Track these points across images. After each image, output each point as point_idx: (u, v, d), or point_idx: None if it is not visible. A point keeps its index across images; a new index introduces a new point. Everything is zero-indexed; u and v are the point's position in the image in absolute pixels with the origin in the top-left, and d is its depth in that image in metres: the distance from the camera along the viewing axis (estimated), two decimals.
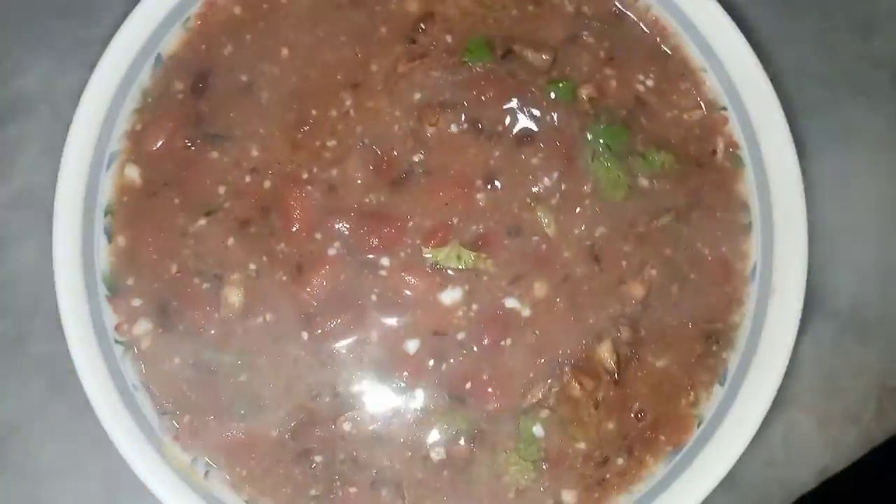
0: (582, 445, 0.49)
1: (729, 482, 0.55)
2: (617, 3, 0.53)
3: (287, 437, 0.47)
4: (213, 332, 0.48)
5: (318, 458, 0.48)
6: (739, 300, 0.51)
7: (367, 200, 0.49)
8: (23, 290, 0.57)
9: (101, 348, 0.46)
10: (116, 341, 0.48)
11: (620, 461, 0.49)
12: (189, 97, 0.51)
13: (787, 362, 0.48)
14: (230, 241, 0.49)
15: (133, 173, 0.50)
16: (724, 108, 0.51)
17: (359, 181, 0.50)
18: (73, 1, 0.61)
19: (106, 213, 0.49)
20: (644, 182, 0.51)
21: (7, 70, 0.60)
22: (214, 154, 0.50)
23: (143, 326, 0.48)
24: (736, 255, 0.51)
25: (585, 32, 0.52)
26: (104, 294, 0.48)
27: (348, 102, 0.51)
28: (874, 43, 0.63)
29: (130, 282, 0.49)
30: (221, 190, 0.50)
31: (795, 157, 0.48)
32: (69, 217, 0.46)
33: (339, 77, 0.51)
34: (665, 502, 0.47)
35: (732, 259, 0.51)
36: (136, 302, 0.48)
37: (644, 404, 0.49)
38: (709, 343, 0.50)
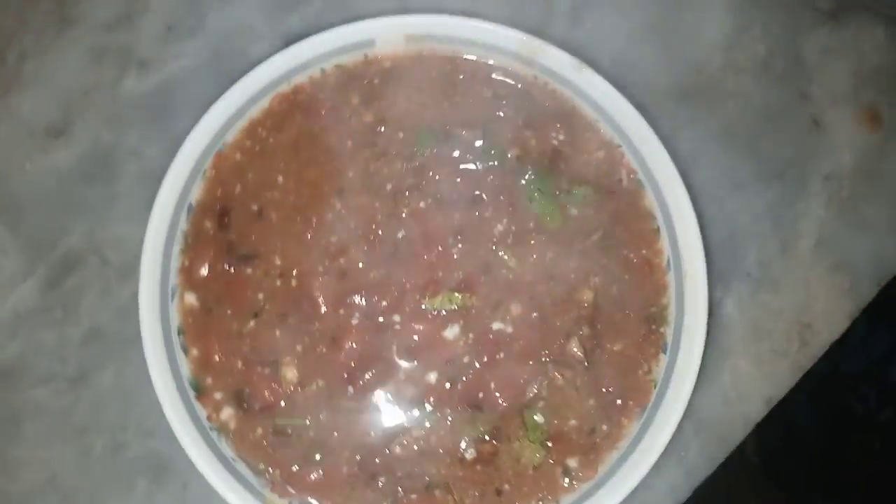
0: (574, 422, 0.61)
1: (697, 424, 0.68)
2: (519, 85, 0.67)
3: (356, 469, 0.60)
4: (282, 404, 0.61)
5: (382, 479, 0.60)
6: (664, 286, 0.64)
7: (371, 276, 0.62)
8: (112, 408, 0.68)
9: (201, 436, 0.59)
10: (211, 428, 0.61)
11: (605, 427, 0.62)
12: (218, 231, 0.63)
13: (705, 324, 0.61)
14: (277, 332, 0.61)
15: (191, 299, 0.62)
16: (619, 146, 0.66)
17: (361, 264, 0.63)
18: (97, 170, 0.72)
19: (179, 334, 0.62)
20: (574, 211, 0.64)
21: (54, 234, 0.71)
22: (248, 270, 0.63)
23: (227, 413, 0.61)
24: (653, 253, 0.64)
25: (504, 109, 0.67)
26: (193, 395, 0.61)
27: (338, 205, 0.63)
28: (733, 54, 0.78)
29: (210, 381, 0.61)
30: (260, 296, 0.62)
31: (676, 172, 0.63)
32: (154, 342, 0.59)
33: (325, 188, 0.64)
34: (643, 450, 0.60)
35: (651, 257, 0.64)
36: (218, 395, 0.61)
37: (611, 381, 0.62)
38: (649, 324, 0.63)
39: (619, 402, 0.62)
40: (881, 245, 0.75)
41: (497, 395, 0.62)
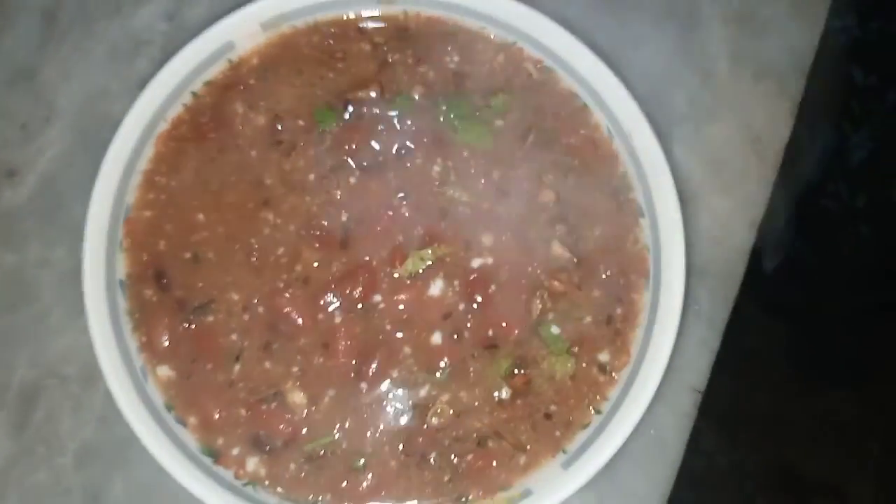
0: (588, 319, 0.61)
1: (698, 275, 0.68)
2: (392, 25, 0.65)
3: (403, 457, 0.59)
4: (303, 430, 0.58)
5: (433, 455, 0.59)
6: (615, 155, 0.63)
7: (334, 270, 0.60)
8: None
9: (238, 496, 0.56)
10: (244, 485, 0.58)
11: (619, 310, 0.61)
12: (162, 294, 0.60)
13: (668, 170, 0.60)
14: (266, 364, 0.59)
15: (164, 371, 0.59)
16: (515, 42, 0.64)
17: (317, 262, 0.61)
18: (15, 296, 0.67)
19: (169, 410, 0.58)
20: (499, 122, 0.63)
21: (1, 375, 0.66)
22: (210, 318, 0.60)
23: (252, 463, 0.58)
24: (591, 129, 0.64)
25: (388, 55, 0.64)
26: (210, 463, 0.58)
27: (270, 216, 0.61)
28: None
29: (221, 442, 0.58)
30: (234, 337, 0.59)
31: (579, 44, 0.62)
32: (150, 434, 0.56)
33: (250, 205, 0.61)
34: (662, 315, 0.59)
35: (591, 133, 0.64)
36: (235, 451, 0.58)
37: (606, 264, 0.62)
38: (617, 196, 0.63)
39: (621, 281, 0.62)
40: (789, 37, 0.76)
41: (505, 325, 0.61)
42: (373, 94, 0.63)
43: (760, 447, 1.63)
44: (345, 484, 0.59)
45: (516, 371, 0.60)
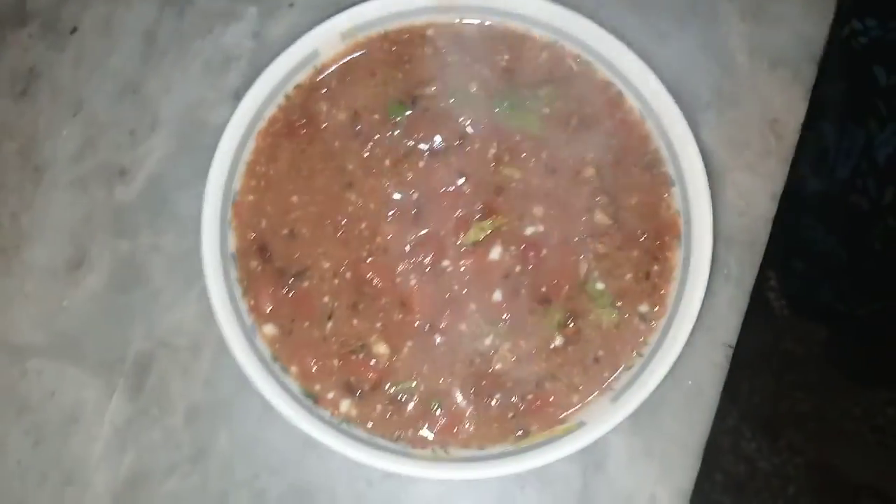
0: (629, 275, 0.68)
1: (726, 242, 0.75)
2: (452, 32, 0.74)
3: (473, 397, 0.67)
4: (387, 376, 0.67)
5: (497, 396, 0.66)
6: (647, 135, 0.71)
7: (409, 239, 0.68)
8: (240, 466, 0.73)
9: (337, 431, 0.65)
10: (339, 422, 0.66)
11: (656, 267, 0.68)
12: (265, 265, 0.68)
13: (695, 145, 0.68)
14: (354, 321, 0.67)
15: (270, 329, 0.68)
16: (557, 41, 0.73)
17: (393, 235, 0.69)
18: (129, 278, 0.77)
19: (275, 360, 0.67)
20: (546, 110, 0.71)
21: (119, 349, 0.76)
22: (305, 283, 0.68)
23: (345, 404, 0.66)
24: (625, 112, 0.71)
25: (449, 57, 0.73)
26: (311, 404, 0.66)
27: (353, 197, 0.69)
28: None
29: (318, 387, 0.67)
30: (326, 299, 0.67)
31: (613, 38, 0.70)
32: (261, 380, 0.65)
33: (336, 189, 0.70)
34: (693, 271, 0.66)
35: (625, 116, 0.71)
36: (331, 395, 0.67)
37: (643, 229, 0.68)
38: (650, 170, 0.70)
39: (657, 242, 0.69)
40: (801, 29, 0.84)
41: (556, 283, 0.68)
42: (435, 90, 0.72)
43: (802, 450, 1.65)
44: (423, 423, 0.67)
45: (567, 323, 0.67)
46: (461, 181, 0.70)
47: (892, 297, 1.43)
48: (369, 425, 0.66)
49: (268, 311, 0.68)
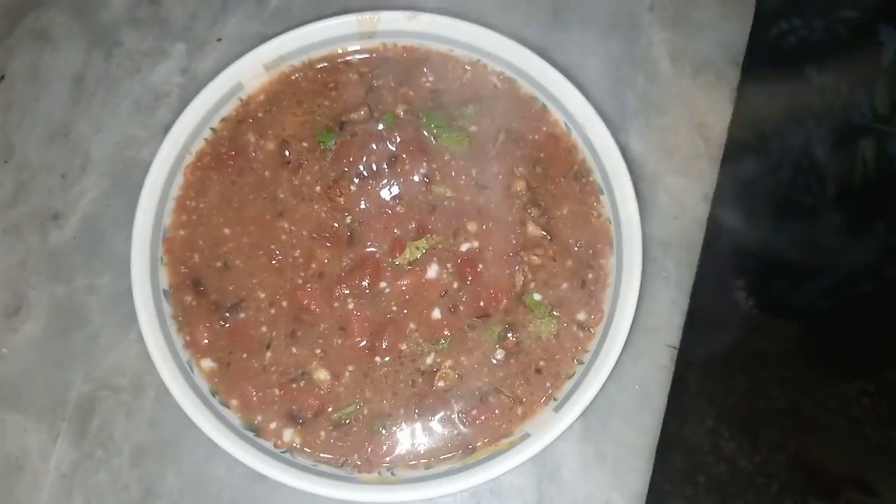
0: (565, 285, 0.69)
1: (663, 246, 0.77)
2: (374, 55, 0.75)
3: (417, 417, 0.67)
4: (329, 403, 0.66)
5: (441, 413, 0.67)
6: (574, 146, 0.72)
7: (344, 264, 0.69)
8: (190, 501, 0.74)
9: (285, 464, 0.64)
10: (283, 452, 0.65)
11: (591, 275, 0.69)
12: (200, 299, 0.68)
13: (619, 154, 0.69)
14: (293, 349, 0.67)
15: (208, 363, 0.67)
16: (479, 60, 0.74)
17: (329, 259, 0.69)
18: (67, 321, 0.77)
19: (214, 395, 0.66)
20: (473, 128, 0.73)
21: (60, 392, 0.75)
22: (241, 315, 0.68)
23: (288, 434, 0.66)
24: (551, 125, 0.73)
25: (374, 81, 0.75)
26: (253, 436, 0.66)
27: (286, 225, 0.70)
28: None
29: (259, 418, 0.66)
30: (263, 329, 0.67)
31: (533, 55, 0.71)
32: (201, 416, 0.64)
33: (268, 217, 0.70)
34: (627, 274, 0.67)
35: (551, 129, 0.73)
36: (273, 425, 0.66)
37: (576, 238, 0.70)
38: (579, 180, 0.72)
39: (590, 251, 0.70)
40: (720, 34, 0.87)
41: (494, 297, 0.69)
42: (363, 115, 0.73)
43: (782, 446, 1.66)
44: (369, 447, 0.66)
45: (507, 335, 0.68)
46: (394, 202, 0.71)
47: (845, 291, 1.44)
48: (314, 453, 0.66)
49: (204, 344, 0.68)
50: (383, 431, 0.66)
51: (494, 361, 0.68)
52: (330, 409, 0.67)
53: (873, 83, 1.29)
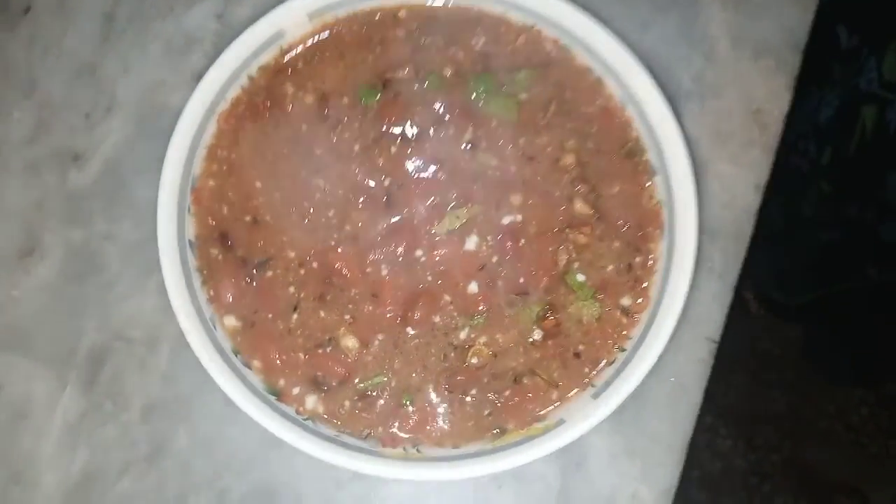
0: (611, 267, 0.65)
1: (710, 234, 0.73)
2: (424, 14, 0.70)
3: (446, 394, 0.64)
4: (356, 371, 0.64)
5: (473, 392, 0.64)
6: (628, 122, 0.68)
7: (381, 227, 0.65)
8: (199, 465, 0.71)
9: (302, 428, 0.62)
10: (304, 419, 0.63)
11: (637, 259, 0.66)
12: (227, 254, 0.65)
13: (678, 132, 0.66)
14: (321, 313, 0.64)
15: (231, 321, 0.65)
16: (534, 25, 0.70)
17: (363, 223, 0.66)
18: (82, 266, 0.74)
19: (236, 354, 0.64)
20: (524, 96, 0.68)
21: (71, 340, 0.73)
22: (269, 273, 0.65)
23: (311, 401, 0.64)
24: (605, 99, 0.68)
25: (422, 39, 0.70)
26: (274, 400, 0.63)
27: (321, 183, 0.66)
28: None
29: (282, 382, 0.64)
30: (291, 290, 0.65)
31: (593, 23, 0.67)
32: (221, 374, 0.62)
33: (302, 174, 0.66)
34: (677, 262, 0.64)
35: (605, 103, 0.68)
36: (296, 390, 0.64)
37: (624, 218, 0.66)
38: (632, 158, 0.67)
39: (639, 233, 0.67)
40: (783, 17, 0.82)
41: (535, 275, 0.65)
42: (408, 73, 0.69)
43: (778, 448, 1.66)
44: (394, 419, 0.64)
45: (547, 315, 0.65)
46: (435, 168, 0.67)
47: (845, 290, 1.39)
48: (337, 422, 0.64)
49: (229, 301, 0.65)
50: (410, 406, 0.64)
51: (531, 342, 0.65)
52: (356, 379, 0.64)
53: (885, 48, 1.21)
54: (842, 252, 1.33)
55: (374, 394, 0.64)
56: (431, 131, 0.68)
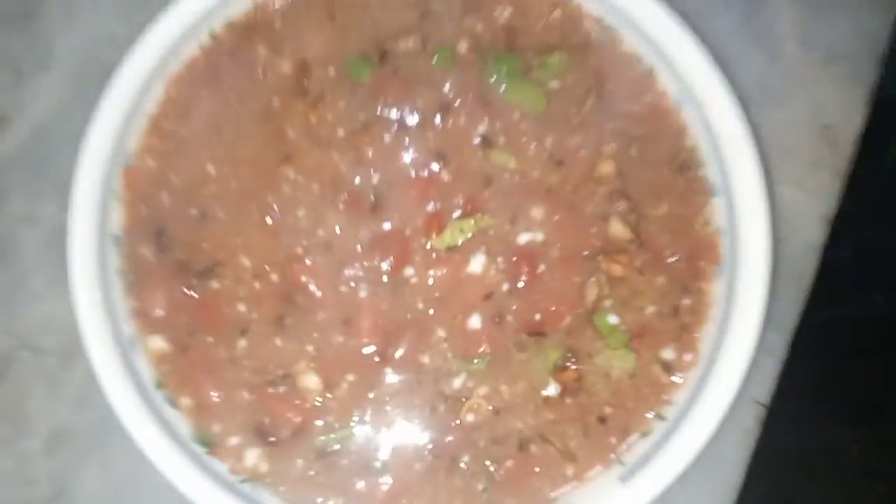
0: (651, 308, 0.54)
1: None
2: None
3: (430, 459, 0.52)
4: (316, 421, 0.52)
5: (465, 458, 0.52)
6: (682, 127, 0.57)
7: (361, 236, 0.54)
8: None
9: (235, 495, 0.49)
10: (241, 482, 0.51)
11: (686, 301, 0.55)
12: (161, 254, 0.54)
13: (750, 139, 0.54)
14: (277, 341, 0.53)
15: (158, 342, 0.53)
16: None
17: (342, 227, 0.54)
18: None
19: (159, 388, 0.52)
20: (555, 84, 0.57)
21: None
22: (215, 284, 0.54)
23: (252, 456, 0.52)
24: (657, 96, 0.57)
25: (432, 4, 0.58)
26: (203, 453, 0.51)
27: (292, 173, 0.55)
28: None
29: (217, 428, 0.52)
30: (241, 308, 0.53)
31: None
32: (133, 413, 0.50)
33: (269, 160, 0.55)
34: (741, 309, 0.52)
35: (657, 101, 0.57)
36: (234, 441, 0.52)
37: (672, 248, 0.55)
38: (684, 172, 0.57)
39: (690, 268, 0.55)
40: (861, 18, 0.70)
41: (555, 311, 0.54)
42: (412, 45, 0.57)
43: (761, 479, 1.62)
44: (360, 487, 0.52)
45: (567, 365, 0.54)
46: (438, 166, 0.55)
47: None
48: (282, 489, 0.51)
49: (159, 317, 0.54)
50: (382, 472, 0.52)
51: (544, 398, 0.53)
52: (314, 431, 0.52)
53: None
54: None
55: (337, 452, 0.52)
56: (437, 119, 0.56)
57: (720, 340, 0.52)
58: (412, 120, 0.56)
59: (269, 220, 0.54)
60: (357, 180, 0.55)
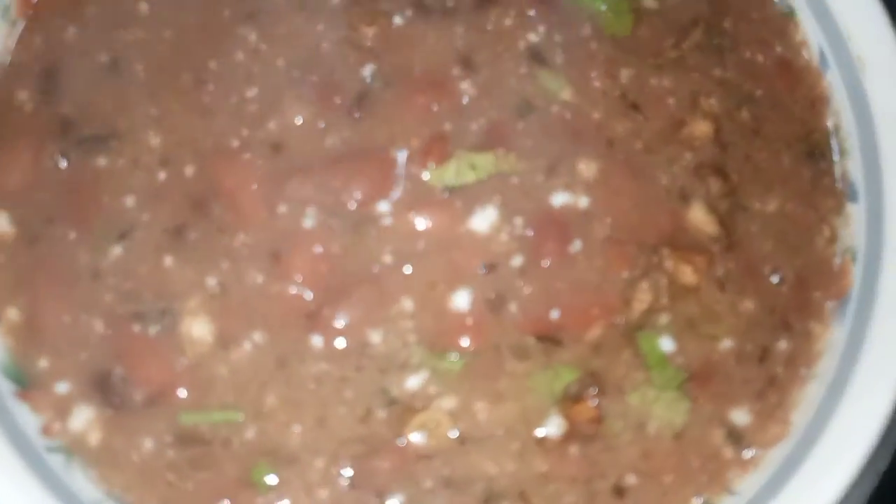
0: (728, 343, 0.39)
1: None
2: None
3: (345, 486, 0.34)
4: (185, 388, 0.35)
5: (396, 499, 0.34)
6: (821, 96, 0.43)
7: (328, 144, 0.40)
8: None
9: (30, 465, 0.32)
10: (50, 449, 0.34)
11: (783, 344, 0.39)
12: (41, 104, 0.41)
13: None
14: (167, 260, 0.38)
15: (2, 223, 0.37)
16: None
17: (304, 121, 0.40)
18: None
19: None
20: (651, 2, 0.43)
21: None
22: (102, 161, 0.40)
23: (82, 416, 0.36)
24: (791, 48, 0.44)
25: None
26: (11, 391, 0.35)
27: (253, 36, 0.42)
28: None
29: (44, 364, 0.36)
30: (130, 201, 0.39)
31: None
32: None
33: (226, 13, 0.42)
34: (864, 367, 0.35)
35: (791, 55, 0.44)
36: (62, 387, 0.36)
37: (776, 261, 0.40)
38: (813, 160, 0.42)
39: (798, 295, 0.40)
40: None
41: (583, 311, 0.38)
42: None
43: None
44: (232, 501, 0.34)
45: (583, 394, 0.37)
46: (460, 72, 0.41)
47: None
48: (103, 475, 0.35)
49: (13, 184, 0.40)
50: (269, 490, 0.34)
51: (539, 437, 0.36)
52: (183, 402, 0.35)
53: None
54: None
55: (210, 442, 0.35)
56: (471, 9, 0.42)
57: (827, 411, 0.36)
58: (437, 4, 0.42)
59: (204, 96, 0.41)
60: (341, 68, 0.41)
